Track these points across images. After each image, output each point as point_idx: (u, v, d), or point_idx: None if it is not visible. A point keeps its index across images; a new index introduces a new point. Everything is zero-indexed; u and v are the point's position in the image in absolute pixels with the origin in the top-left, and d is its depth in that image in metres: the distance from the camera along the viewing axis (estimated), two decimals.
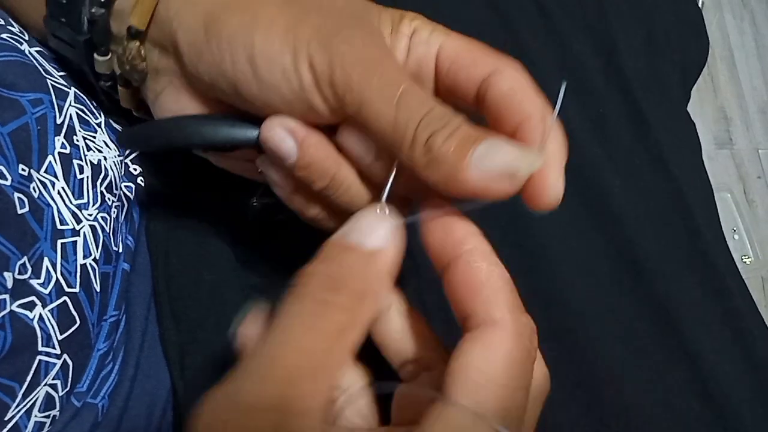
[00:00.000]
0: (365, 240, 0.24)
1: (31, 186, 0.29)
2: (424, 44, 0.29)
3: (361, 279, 0.23)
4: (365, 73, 0.26)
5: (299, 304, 0.23)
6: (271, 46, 0.27)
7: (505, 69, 0.28)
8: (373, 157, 0.28)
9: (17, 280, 0.27)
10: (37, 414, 0.28)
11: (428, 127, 0.25)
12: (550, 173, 0.27)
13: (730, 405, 0.39)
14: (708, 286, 0.42)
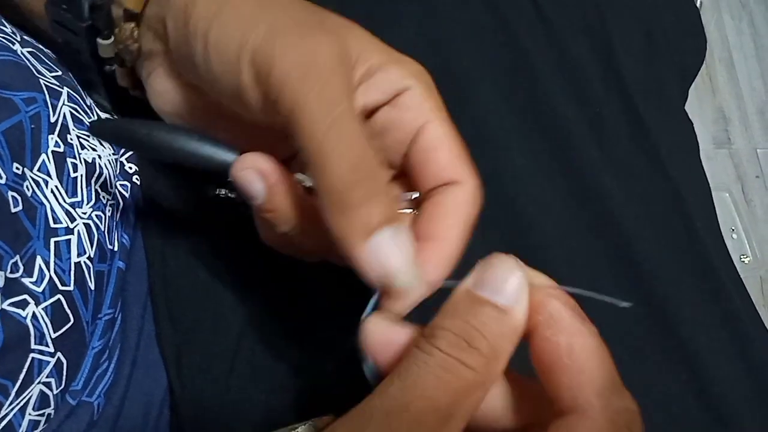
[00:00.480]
0: (498, 295, 0.22)
1: (25, 185, 0.29)
2: (412, 110, 0.29)
3: (494, 338, 0.21)
4: (305, 79, 0.25)
5: (432, 357, 0.21)
6: (222, 36, 0.26)
7: (466, 187, 0.29)
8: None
9: (9, 278, 0.27)
10: (31, 412, 0.28)
11: (346, 178, 0.24)
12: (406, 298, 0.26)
13: (728, 406, 0.38)
14: (706, 286, 0.42)
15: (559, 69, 0.47)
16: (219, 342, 0.37)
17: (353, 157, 0.24)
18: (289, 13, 0.27)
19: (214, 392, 0.36)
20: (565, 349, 0.22)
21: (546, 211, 0.42)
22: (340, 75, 0.26)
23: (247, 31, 0.26)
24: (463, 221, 0.28)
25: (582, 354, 0.22)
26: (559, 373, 0.21)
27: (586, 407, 0.21)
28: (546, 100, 0.45)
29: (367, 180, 0.24)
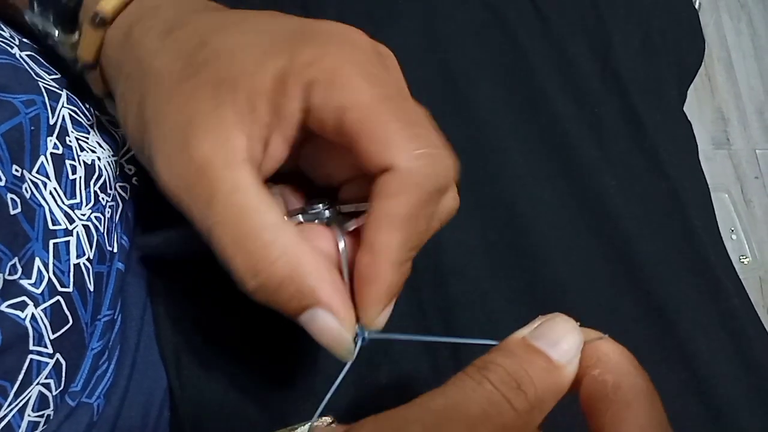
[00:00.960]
0: (553, 350, 0.23)
1: (24, 186, 0.29)
2: (321, 105, 0.25)
3: (542, 388, 0.22)
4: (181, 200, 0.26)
5: (481, 386, 0.21)
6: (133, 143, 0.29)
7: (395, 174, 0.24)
8: None
9: (7, 280, 0.27)
10: (30, 413, 0.28)
11: (243, 283, 0.25)
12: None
13: (726, 405, 0.39)
14: (705, 286, 0.42)
15: (557, 69, 0.47)
16: (218, 342, 0.37)
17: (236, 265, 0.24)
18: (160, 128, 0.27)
19: (214, 392, 0.36)
20: (612, 386, 0.22)
21: (544, 211, 0.42)
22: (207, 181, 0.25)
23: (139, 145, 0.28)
24: (394, 217, 0.25)
25: (629, 391, 0.22)
26: (604, 410, 0.22)
27: None
28: (545, 99, 0.45)
29: (260, 279, 0.24)
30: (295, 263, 0.24)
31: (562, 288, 0.40)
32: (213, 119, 0.25)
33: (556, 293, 0.40)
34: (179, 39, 0.28)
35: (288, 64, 0.25)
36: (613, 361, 0.23)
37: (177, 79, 0.27)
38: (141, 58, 0.29)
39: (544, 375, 0.22)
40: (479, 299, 0.39)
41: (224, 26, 0.28)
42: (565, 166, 0.44)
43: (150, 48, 0.28)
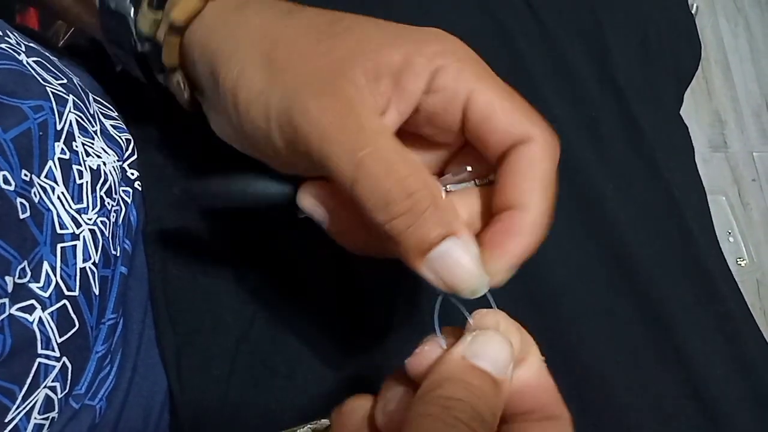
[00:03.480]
0: (495, 369, 0.24)
1: (32, 191, 0.29)
2: (450, 87, 0.28)
3: (496, 411, 0.23)
4: (324, 138, 0.26)
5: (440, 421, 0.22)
6: (249, 109, 0.28)
7: (533, 144, 0.27)
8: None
9: (17, 284, 0.27)
10: (36, 416, 0.29)
11: (389, 209, 0.25)
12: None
13: (721, 408, 0.39)
14: (701, 289, 0.43)
15: (554, 72, 0.47)
16: (218, 345, 0.38)
17: (384, 193, 0.25)
18: (294, 74, 0.28)
19: (214, 395, 0.36)
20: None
21: None
22: (353, 118, 0.26)
23: (264, 103, 0.28)
24: (540, 180, 0.27)
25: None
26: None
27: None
28: (542, 103, 0.45)
29: (405, 208, 0.25)
30: (438, 194, 0.25)
31: (558, 291, 0.40)
32: (349, 75, 0.27)
33: (552, 296, 0.40)
34: (306, 16, 0.30)
35: (414, 49, 0.28)
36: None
37: (315, 40, 0.29)
38: (260, 26, 0.30)
39: (495, 399, 0.23)
40: (476, 303, 0.39)
41: (346, 14, 0.30)
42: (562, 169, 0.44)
43: (272, 20, 0.30)
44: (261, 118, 0.28)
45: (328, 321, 0.38)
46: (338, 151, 0.25)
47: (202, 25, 0.32)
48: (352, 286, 0.39)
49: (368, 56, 0.27)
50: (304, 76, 0.27)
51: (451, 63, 0.28)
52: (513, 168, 0.27)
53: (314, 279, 0.39)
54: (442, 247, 0.25)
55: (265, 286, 0.39)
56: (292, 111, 0.26)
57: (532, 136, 0.27)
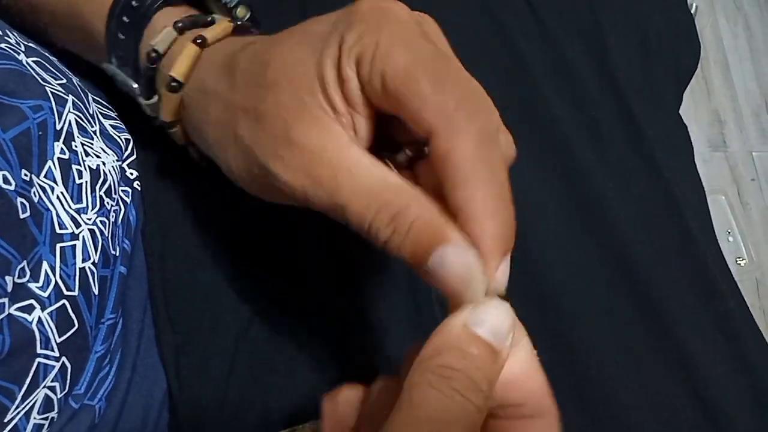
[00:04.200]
0: (495, 339, 0.24)
1: (32, 191, 0.29)
2: (368, 82, 0.26)
3: (493, 380, 0.23)
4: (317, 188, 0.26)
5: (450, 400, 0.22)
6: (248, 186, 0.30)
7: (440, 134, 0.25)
8: None
9: (16, 283, 0.27)
10: (36, 416, 0.29)
11: (379, 234, 0.25)
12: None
13: (721, 407, 0.39)
14: (700, 288, 0.43)
15: (554, 72, 0.47)
16: (217, 344, 0.38)
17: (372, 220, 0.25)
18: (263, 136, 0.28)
19: (213, 394, 0.36)
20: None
21: (541, 213, 0.42)
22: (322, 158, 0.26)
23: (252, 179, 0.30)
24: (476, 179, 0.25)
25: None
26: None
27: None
28: (542, 102, 0.45)
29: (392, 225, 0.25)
30: (427, 206, 0.25)
31: (558, 290, 0.40)
32: (308, 119, 0.27)
33: (552, 295, 0.40)
34: (241, 74, 0.30)
35: (338, 51, 0.27)
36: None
37: (257, 100, 0.29)
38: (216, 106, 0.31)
39: (492, 367, 0.23)
40: None
41: (276, 40, 0.30)
42: (562, 168, 0.44)
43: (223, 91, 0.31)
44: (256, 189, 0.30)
45: (328, 320, 0.38)
46: (323, 200, 0.26)
47: (187, 113, 0.33)
48: (352, 285, 0.39)
49: (314, 89, 0.27)
50: (272, 135, 0.28)
51: (365, 49, 0.26)
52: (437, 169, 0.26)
53: (313, 278, 0.39)
54: (437, 254, 0.24)
55: (264, 285, 0.39)
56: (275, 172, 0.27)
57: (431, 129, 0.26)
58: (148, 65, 0.34)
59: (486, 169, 0.25)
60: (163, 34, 0.34)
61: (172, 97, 0.33)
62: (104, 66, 0.37)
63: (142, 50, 0.35)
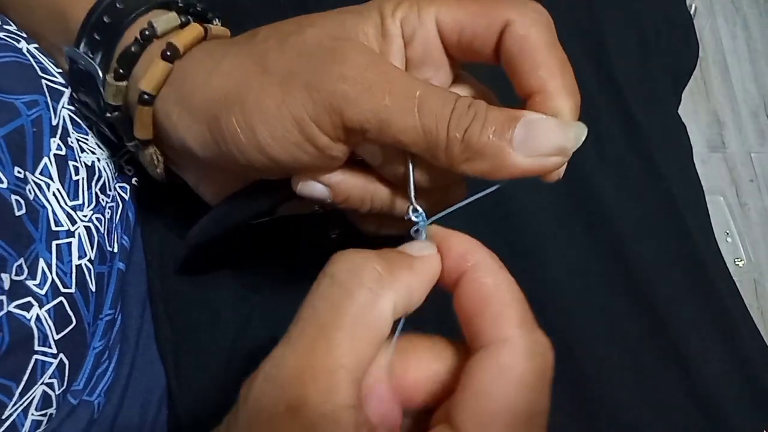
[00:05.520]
0: (410, 248, 0.24)
1: (27, 188, 0.29)
2: (419, 30, 0.27)
3: (390, 263, 0.23)
4: (374, 98, 0.25)
5: (323, 282, 0.23)
6: (274, 130, 0.27)
7: (516, 19, 0.26)
8: (391, 163, 0.28)
9: (14, 281, 0.27)
10: (34, 412, 0.29)
11: (459, 124, 0.25)
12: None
13: (718, 406, 0.39)
14: (698, 287, 0.43)
15: None
16: (216, 341, 0.38)
17: (450, 114, 0.25)
18: (304, 61, 0.27)
19: (211, 390, 0.37)
20: (492, 287, 0.23)
21: (540, 212, 0.42)
22: (389, 70, 0.26)
23: (289, 110, 0.26)
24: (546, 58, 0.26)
25: (507, 293, 0.23)
26: (482, 309, 0.23)
27: (510, 338, 0.22)
28: None
29: (477, 118, 0.25)
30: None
31: (556, 289, 0.41)
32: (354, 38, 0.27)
33: (550, 294, 0.40)
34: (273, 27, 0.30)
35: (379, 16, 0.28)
36: (491, 264, 0.24)
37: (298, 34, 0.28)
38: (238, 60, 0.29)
39: (397, 256, 0.24)
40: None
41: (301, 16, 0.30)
42: None
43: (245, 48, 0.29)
44: (294, 130, 0.26)
45: None
46: (395, 101, 0.25)
47: (171, 88, 0.30)
48: None
49: (353, 35, 0.27)
50: (321, 56, 0.27)
51: (407, 9, 0.27)
52: (510, 58, 0.26)
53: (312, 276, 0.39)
54: (522, 123, 0.24)
55: (262, 282, 0.39)
56: (326, 94, 0.25)
57: (508, 17, 0.26)
58: (139, 41, 0.31)
59: (560, 55, 0.27)
60: (168, 16, 0.32)
61: (161, 68, 0.30)
62: (66, 49, 0.33)
63: (130, 32, 0.32)
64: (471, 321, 0.23)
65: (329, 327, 0.21)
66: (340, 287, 0.22)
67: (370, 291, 0.22)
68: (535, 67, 0.26)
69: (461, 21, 0.27)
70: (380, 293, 0.22)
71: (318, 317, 0.22)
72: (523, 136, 0.24)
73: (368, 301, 0.22)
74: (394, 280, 0.22)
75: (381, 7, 0.27)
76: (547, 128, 0.25)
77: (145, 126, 0.31)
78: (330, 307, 0.22)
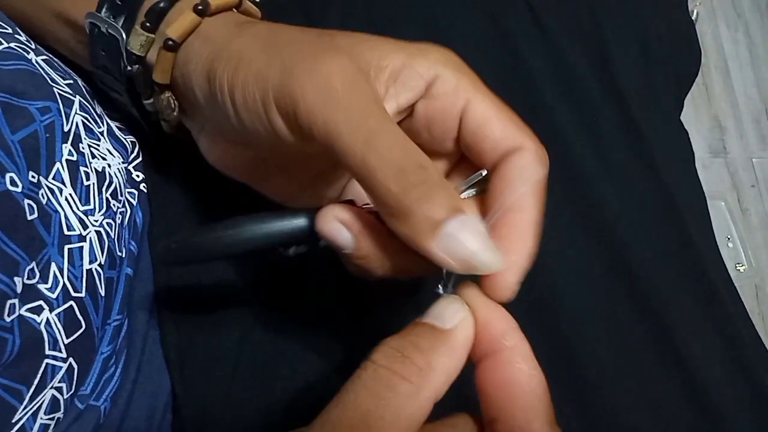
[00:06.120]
0: (438, 320, 0.24)
1: (40, 192, 0.30)
2: (450, 95, 0.28)
3: (428, 352, 0.23)
4: (329, 104, 0.25)
5: (365, 371, 0.22)
6: (245, 93, 0.27)
7: (526, 152, 0.28)
8: None
9: (26, 284, 0.28)
10: (42, 416, 0.29)
11: (400, 178, 0.24)
12: (506, 277, 0.26)
13: (720, 411, 0.39)
14: (699, 292, 0.43)
15: (556, 77, 0.47)
16: (221, 346, 0.38)
17: (397, 162, 0.24)
18: (297, 48, 0.27)
19: (217, 395, 0.37)
20: (527, 377, 0.23)
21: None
22: (361, 88, 0.26)
23: (262, 81, 0.27)
24: (532, 185, 0.27)
25: (539, 386, 0.23)
26: (516, 397, 0.23)
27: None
28: (543, 107, 0.46)
29: (417, 179, 0.24)
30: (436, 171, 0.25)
31: (558, 294, 0.41)
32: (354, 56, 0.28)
33: (552, 299, 0.40)
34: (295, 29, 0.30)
35: (416, 54, 0.29)
36: (528, 353, 0.24)
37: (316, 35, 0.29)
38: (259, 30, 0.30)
39: (432, 340, 0.23)
40: None
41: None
42: (562, 173, 0.44)
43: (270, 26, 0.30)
44: (259, 101, 0.27)
45: (331, 322, 0.39)
46: (347, 118, 0.25)
47: (198, 39, 0.31)
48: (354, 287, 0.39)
49: (370, 51, 0.28)
50: (306, 52, 0.27)
51: (450, 72, 0.29)
52: (507, 174, 0.28)
53: (316, 280, 0.40)
54: (454, 222, 0.24)
55: (267, 287, 0.39)
56: (292, 81, 0.26)
57: (524, 145, 0.28)
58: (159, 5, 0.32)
59: (539, 196, 0.28)
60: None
61: (190, 19, 0.31)
62: (88, 13, 0.34)
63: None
64: (498, 402, 0.23)
65: (371, 416, 0.21)
66: (383, 380, 0.22)
67: (412, 386, 0.22)
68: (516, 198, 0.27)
69: (487, 120, 0.28)
70: (422, 386, 0.22)
71: (359, 404, 0.22)
72: (450, 233, 0.24)
73: (411, 394, 0.22)
74: (434, 370, 0.22)
75: (427, 50, 0.29)
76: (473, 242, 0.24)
77: (165, 71, 0.32)
78: (372, 396, 0.22)
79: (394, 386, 0.22)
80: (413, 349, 0.23)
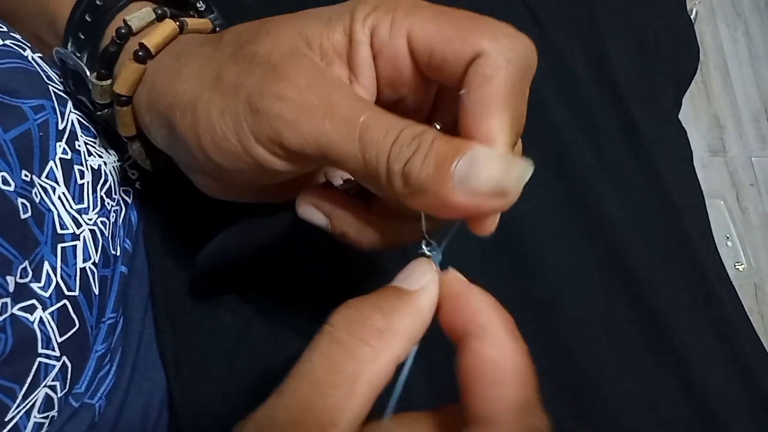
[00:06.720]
0: (404, 282, 0.23)
1: (33, 191, 0.30)
2: (389, 43, 0.25)
3: (395, 314, 0.22)
4: (313, 122, 0.24)
5: (323, 335, 0.22)
6: (218, 141, 0.26)
7: (489, 53, 0.24)
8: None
9: (18, 283, 0.28)
10: (36, 415, 0.29)
11: (400, 156, 0.23)
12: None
13: (718, 411, 0.39)
14: (697, 292, 0.43)
15: (554, 76, 0.47)
16: (217, 344, 0.38)
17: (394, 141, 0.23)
18: (248, 72, 0.26)
19: (212, 394, 0.37)
20: (491, 363, 0.21)
21: (539, 217, 0.43)
22: (335, 91, 0.25)
23: (233, 119, 0.26)
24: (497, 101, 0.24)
25: (507, 370, 0.21)
26: (480, 384, 0.21)
27: (500, 421, 0.21)
28: (541, 106, 0.46)
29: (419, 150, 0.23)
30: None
31: (556, 294, 0.41)
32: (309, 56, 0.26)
33: (550, 299, 0.40)
34: (234, 34, 0.28)
35: (349, 20, 0.26)
36: (497, 334, 0.22)
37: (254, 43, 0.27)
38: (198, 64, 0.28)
39: (396, 302, 0.22)
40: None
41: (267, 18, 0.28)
42: (560, 172, 0.44)
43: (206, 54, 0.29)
44: (233, 140, 0.26)
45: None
46: (335, 128, 0.24)
47: (144, 88, 0.30)
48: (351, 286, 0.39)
49: (313, 43, 0.26)
50: (263, 72, 0.25)
51: (381, 16, 0.25)
52: (469, 93, 0.24)
53: (313, 279, 0.40)
54: (465, 158, 0.22)
55: (264, 286, 0.39)
56: (264, 108, 0.25)
57: (481, 48, 0.24)
58: (116, 40, 0.31)
59: (519, 109, 0.25)
60: (142, 12, 0.31)
61: (133, 69, 0.30)
62: (56, 50, 0.34)
63: (109, 30, 0.32)
64: (466, 387, 0.22)
65: (326, 385, 0.21)
66: (339, 345, 0.21)
67: (371, 349, 0.21)
68: (486, 116, 0.23)
69: (432, 42, 0.25)
70: (381, 349, 0.21)
71: (314, 373, 0.21)
72: (464, 172, 0.22)
73: (369, 359, 0.21)
74: (395, 332, 0.22)
75: (353, 11, 0.26)
76: (489, 164, 0.22)
77: (127, 125, 0.32)
78: (328, 364, 0.21)
79: (351, 351, 0.21)
80: (374, 310, 0.22)
